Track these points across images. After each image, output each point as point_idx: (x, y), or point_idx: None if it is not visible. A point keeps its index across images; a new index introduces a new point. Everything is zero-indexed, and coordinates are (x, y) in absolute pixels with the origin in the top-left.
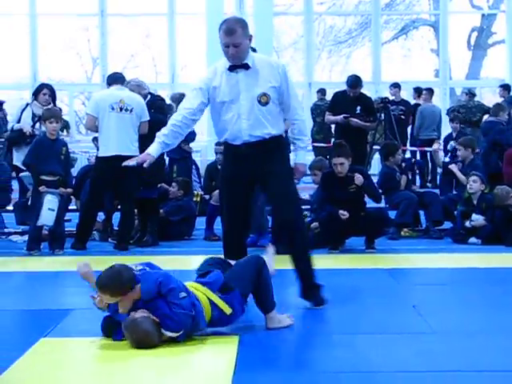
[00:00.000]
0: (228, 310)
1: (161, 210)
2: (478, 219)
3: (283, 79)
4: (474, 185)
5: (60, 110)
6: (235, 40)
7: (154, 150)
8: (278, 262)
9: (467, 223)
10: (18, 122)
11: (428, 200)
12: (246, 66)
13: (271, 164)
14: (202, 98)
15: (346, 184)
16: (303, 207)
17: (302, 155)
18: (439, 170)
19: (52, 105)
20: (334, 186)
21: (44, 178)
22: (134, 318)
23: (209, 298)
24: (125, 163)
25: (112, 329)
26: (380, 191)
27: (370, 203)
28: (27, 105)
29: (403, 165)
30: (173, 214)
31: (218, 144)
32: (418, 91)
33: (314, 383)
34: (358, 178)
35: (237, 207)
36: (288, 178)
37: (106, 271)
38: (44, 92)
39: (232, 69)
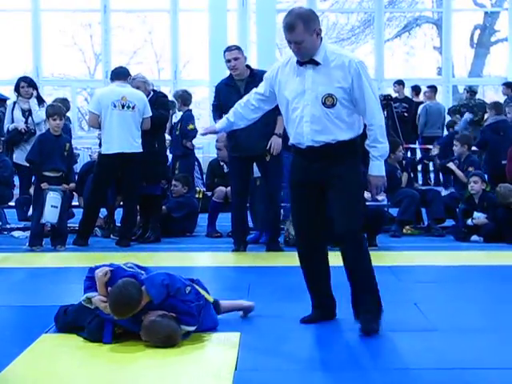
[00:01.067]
0: (211, 298)
1: (163, 207)
2: (479, 217)
3: (355, 79)
4: (475, 185)
5: (67, 100)
6: (296, 38)
7: (219, 123)
8: (269, 259)
9: (469, 221)
10: (12, 122)
11: (430, 198)
12: (315, 62)
13: (338, 168)
14: (266, 86)
15: None
16: None
17: (377, 166)
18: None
19: (36, 92)
20: None
21: (47, 174)
22: (152, 319)
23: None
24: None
25: (99, 333)
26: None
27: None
28: (14, 103)
29: (404, 162)
30: (175, 210)
31: (216, 141)
32: (415, 89)
33: (314, 381)
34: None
35: (304, 212)
36: (353, 186)
37: (115, 297)
38: (22, 85)
39: (301, 63)
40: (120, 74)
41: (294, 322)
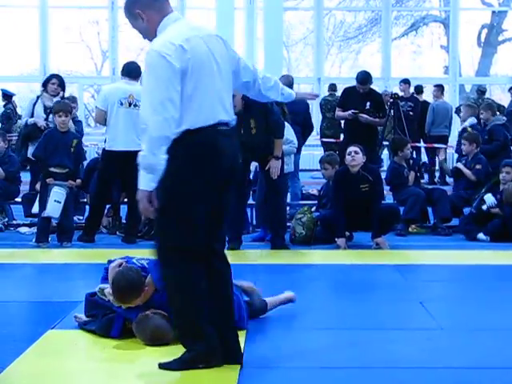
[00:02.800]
0: None
1: None
2: (489, 198)
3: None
4: (507, 176)
5: (74, 98)
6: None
7: None
8: (275, 257)
9: (484, 206)
10: (32, 116)
11: (436, 197)
12: None
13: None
14: None
15: (358, 183)
16: (310, 202)
17: (142, 178)
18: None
19: (62, 93)
20: (347, 185)
21: (52, 170)
22: (145, 314)
23: None
24: None
25: (108, 327)
26: (387, 188)
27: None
28: (38, 98)
29: (411, 161)
30: None
31: None
32: (417, 89)
33: (319, 379)
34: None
35: None
36: (160, 197)
37: (117, 282)
38: (53, 82)
39: None
40: (131, 72)
41: (300, 319)
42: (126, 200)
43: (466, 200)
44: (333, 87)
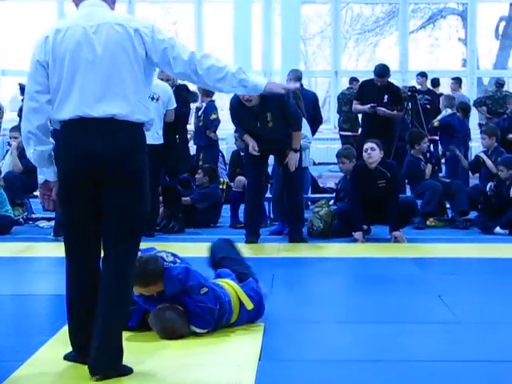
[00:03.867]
0: (250, 306)
1: (187, 198)
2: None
3: None
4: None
5: None
6: None
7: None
8: (292, 251)
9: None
10: None
11: (454, 190)
12: None
13: None
14: None
15: (376, 178)
16: (328, 196)
17: None
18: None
19: None
20: (364, 180)
21: None
22: (162, 306)
23: (236, 293)
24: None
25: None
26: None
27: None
28: None
29: (428, 154)
30: (199, 201)
31: (236, 131)
32: (434, 82)
33: (337, 372)
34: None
35: None
36: None
37: (137, 266)
38: None
39: None
40: None
41: (317, 313)
42: None
43: (485, 193)
44: (352, 81)
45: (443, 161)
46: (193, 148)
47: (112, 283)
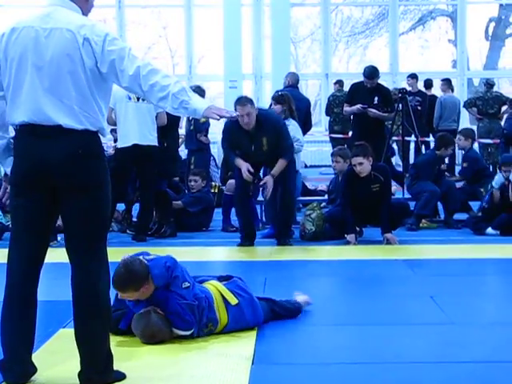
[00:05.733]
0: (233, 301)
1: (179, 202)
2: (499, 179)
3: None
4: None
5: None
6: None
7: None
8: (285, 254)
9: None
10: None
11: (444, 190)
12: None
13: None
14: None
15: (369, 183)
16: (319, 198)
17: None
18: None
19: None
20: (358, 186)
21: None
22: (143, 311)
23: (219, 290)
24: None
25: (118, 320)
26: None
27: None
28: None
29: None
30: (191, 204)
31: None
32: (427, 83)
33: (330, 375)
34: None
35: None
36: None
37: (118, 269)
38: None
39: None
40: None
41: (310, 315)
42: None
43: (472, 194)
44: (340, 83)
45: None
46: (184, 152)
47: (82, 292)
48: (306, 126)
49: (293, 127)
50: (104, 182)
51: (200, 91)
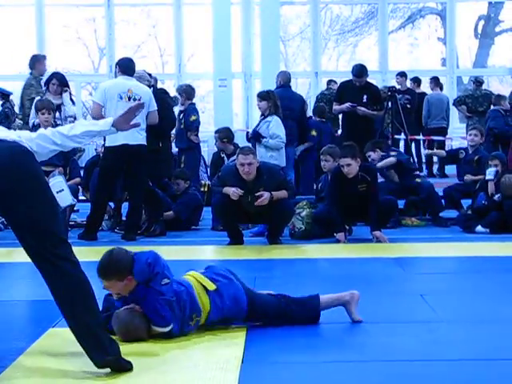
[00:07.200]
0: (211, 287)
1: (170, 212)
2: (490, 172)
3: None
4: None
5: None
6: None
7: None
8: (274, 252)
9: (496, 197)
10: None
11: (424, 191)
12: None
13: None
14: None
15: (356, 183)
16: (309, 196)
17: None
18: None
19: (68, 92)
20: (345, 186)
21: (43, 169)
22: (121, 310)
23: (196, 279)
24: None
25: (107, 321)
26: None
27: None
28: (41, 98)
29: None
30: (182, 212)
31: (217, 132)
32: (416, 81)
33: (320, 373)
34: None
35: None
36: None
37: (103, 257)
38: (53, 82)
39: None
40: (128, 70)
41: None
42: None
43: (464, 192)
44: (331, 82)
45: None
46: (174, 151)
47: (62, 294)
48: (300, 124)
49: (274, 123)
50: None
51: (190, 90)
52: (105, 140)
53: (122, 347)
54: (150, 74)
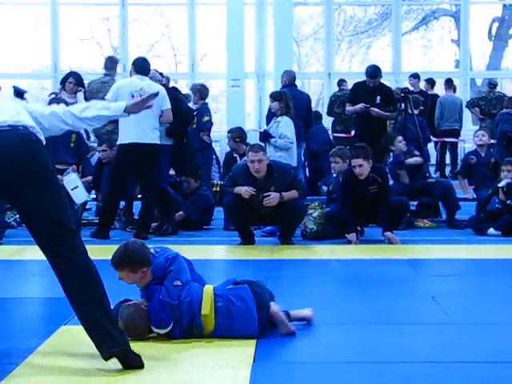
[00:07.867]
0: (204, 311)
1: (181, 212)
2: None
3: None
4: (509, 174)
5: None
6: None
7: None
8: (286, 252)
9: (501, 184)
10: None
11: (443, 190)
12: None
13: None
14: None
15: (367, 185)
16: (321, 197)
17: None
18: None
19: (82, 92)
20: (356, 187)
21: (56, 167)
22: (126, 305)
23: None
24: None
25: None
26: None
27: None
28: (56, 96)
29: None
30: (193, 213)
31: (229, 131)
32: (430, 82)
33: (331, 373)
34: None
35: None
36: None
37: (119, 247)
38: (70, 80)
39: None
40: (142, 70)
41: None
42: (140, 196)
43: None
44: (340, 83)
45: None
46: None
47: (70, 283)
48: (308, 123)
49: (283, 124)
50: None
51: (204, 89)
52: (100, 145)
53: (132, 345)
54: (161, 74)
